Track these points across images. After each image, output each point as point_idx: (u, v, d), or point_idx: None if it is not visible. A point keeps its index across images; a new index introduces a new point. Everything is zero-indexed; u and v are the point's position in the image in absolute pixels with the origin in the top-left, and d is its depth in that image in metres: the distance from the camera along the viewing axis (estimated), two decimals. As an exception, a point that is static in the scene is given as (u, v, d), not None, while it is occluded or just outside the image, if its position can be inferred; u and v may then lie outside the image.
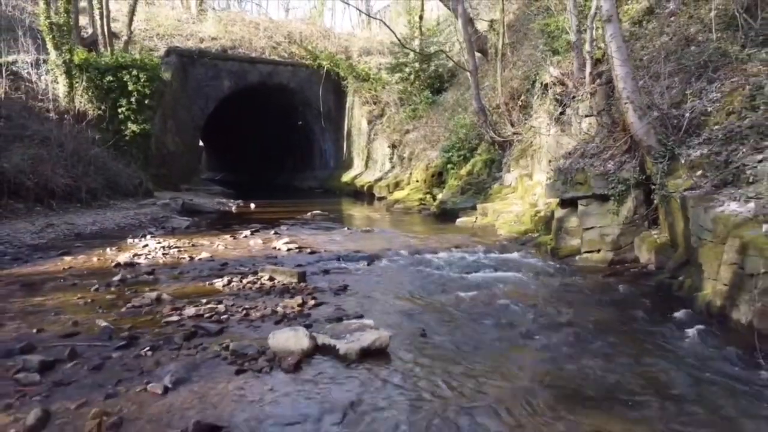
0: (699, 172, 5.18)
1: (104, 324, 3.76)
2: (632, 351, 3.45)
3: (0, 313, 4.04)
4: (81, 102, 15.19)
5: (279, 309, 4.22)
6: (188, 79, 20.88)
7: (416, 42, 20.98)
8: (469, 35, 11.98)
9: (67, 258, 6.35)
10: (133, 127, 15.71)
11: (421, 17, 21.40)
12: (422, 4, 21.67)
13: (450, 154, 13.84)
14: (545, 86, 9.17)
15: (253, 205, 14.61)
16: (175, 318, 3.93)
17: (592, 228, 6.42)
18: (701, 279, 4.43)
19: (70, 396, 2.67)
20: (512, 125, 11.01)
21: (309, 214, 11.83)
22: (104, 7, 17.23)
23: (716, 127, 5.46)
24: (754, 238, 3.64)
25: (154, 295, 4.50)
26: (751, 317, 3.57)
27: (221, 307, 4.18)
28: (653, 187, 5.71)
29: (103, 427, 2.38)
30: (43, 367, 2.96)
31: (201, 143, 25.94)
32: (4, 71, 13.42)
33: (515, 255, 6.93)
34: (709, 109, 5.68)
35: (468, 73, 12.97)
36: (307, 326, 3.72)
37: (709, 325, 3.85)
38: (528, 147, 10.25)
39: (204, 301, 4.39)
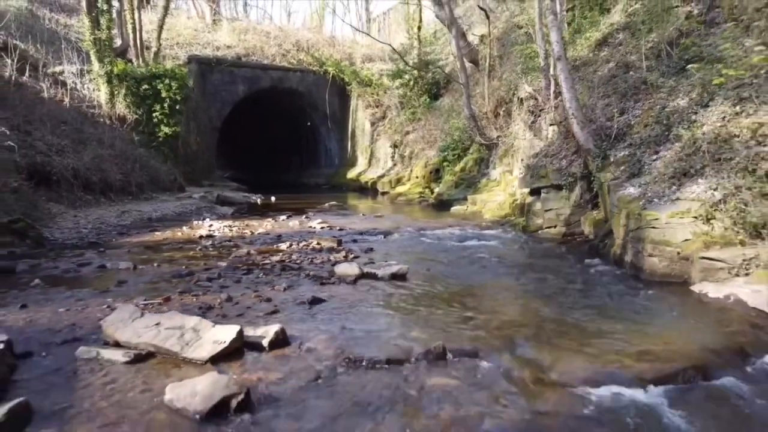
0: (621, 168, 7.34)
1: (224, 264, 5.90)
2: (558, 277, 5.62)
3: (152, 260, 6.18)
4: (120, 108, 17.25)
5: (331, 258, 6.36)
6: (206, 85, 23.00)
7: (414, 51, 23.14)
8: (461, 54, 14.13)
9: (158, 233, 8.47)
10: (165, 129, 17.77)
11: (419, 28, 23.48)
12: (420, 16, 23.77)
13: (446, 153, 16.00)
14: (521, 100, 11.34)
15: (273, 198, 16.69)
16: (267, 262, 6.07)
17: (551, 210, 8.59)
18: (613, 239, 6.60)
19: (233, 290, 4.80)
20: (497, 130, 13.17)
21: (326, 204, 13.97)
22: (137, 21, 19.28)
23: (635, 135, 7.62)
24: (633, 209, 5.81)
25: (244, 250, 6.65)
26: (630, 257, 5.74)
27: (294, 257, 6.32)
28: (592, 178, 7.87)
29: (261, 299, 4.52)
30: (207, 280, 5.11)
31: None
32: (69, 81, 15.46)
33: (495, 231, 9.11)
34: (632, 123, 7.85)
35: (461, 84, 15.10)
36: (354, 265, 5.86)
37: (610, 266, 6.03)
38: (510, 148, 12.41)
39: (279, 254, 6.53)
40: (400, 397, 2.78)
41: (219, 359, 3.20)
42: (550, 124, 9.77)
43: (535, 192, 9.07)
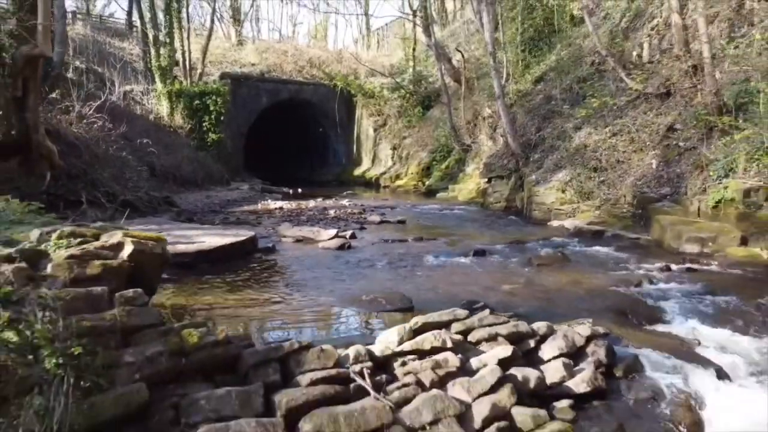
0: (534, 165, 12.11)
1: (305, 218, 10.62)
2: (489, 223, 10.39)
3: (261, 217, 10.88)
4: (178, 119, 21.88)
5: (362, 216, 11.09)
6: (236, 97, 27.45)
7: (410, 70, 27.90)
8: (445, 82, 18.87)
9: (245, 207, 13.16)
10: (212, 136, 22.40)
11: (414, 49, 28.19)
12: (415, 38, 28.48)
13: (435, 155, 20.75)
14: (484, 118, 16.14)
15: (299, 190, 21.35)
16: (327, 217, 10.79)
17: (497, 191, 13.34)
18: (526, 205, 11.35)
19: (318, 226, 9.51)
20: (471, 138, 17.95)
21: (344, 193, 18.70)
22: (186, 49, 23.89)
23: (545, 145, 12.39)
24: (530, 186, 10.60)
25: (310, 213, 11.39)
26: (528, 213, 10.51)
27: (341, 216, 11.06)
28: (520, 172, 12.62)
29: (334, 227, 9.23)
30: (303, 222, 9.82)
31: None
32: (164, 100, 20.13)
33: (464, 207, 13.86)
34: (545, 137, 12.61)
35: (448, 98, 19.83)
36: (376, 218, 10.62)
37: (521, 219, 10.80)
38: (479, 151, 17.18)
39: (332, 214, 11.25)
40: (405, 248, 7.52)
41: (330, 240, 7.92)
42: (501, 135, 14.54)
43: (489, 180, 13.84)
